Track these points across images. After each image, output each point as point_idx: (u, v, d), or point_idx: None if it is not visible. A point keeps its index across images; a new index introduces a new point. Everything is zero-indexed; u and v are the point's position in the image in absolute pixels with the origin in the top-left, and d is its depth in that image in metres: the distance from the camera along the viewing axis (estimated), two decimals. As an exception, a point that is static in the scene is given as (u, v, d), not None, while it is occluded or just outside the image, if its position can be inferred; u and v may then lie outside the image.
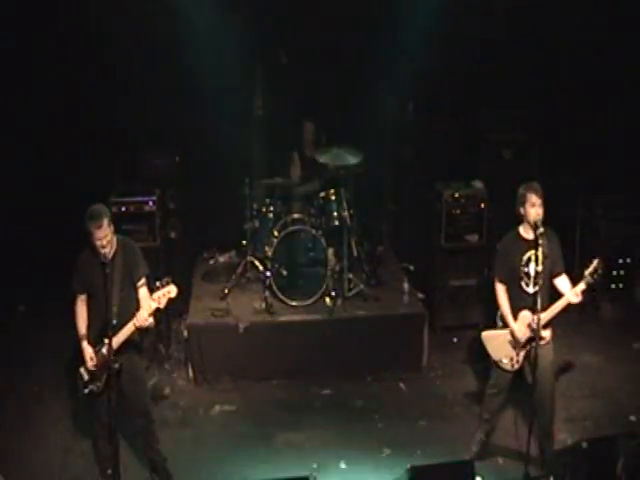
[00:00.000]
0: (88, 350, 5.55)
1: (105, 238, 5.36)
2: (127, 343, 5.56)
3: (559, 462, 5.82)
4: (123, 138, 8.33)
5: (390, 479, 5.63)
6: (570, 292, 5.74)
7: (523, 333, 5.81)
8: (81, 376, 5.60)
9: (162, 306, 5.44)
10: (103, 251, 5.35)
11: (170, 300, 5.46)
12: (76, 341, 5.62)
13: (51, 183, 8.25)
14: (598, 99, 8.56)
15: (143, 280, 5.66)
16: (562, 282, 5.89)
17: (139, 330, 5.58)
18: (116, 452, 5.48)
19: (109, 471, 5.61)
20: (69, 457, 6.32)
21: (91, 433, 6.02)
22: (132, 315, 5.47)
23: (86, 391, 5.58)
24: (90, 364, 5.54)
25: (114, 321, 5.35)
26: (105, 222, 5.37)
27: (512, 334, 5.87)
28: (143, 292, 5.63)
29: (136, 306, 5.55)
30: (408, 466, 5.12)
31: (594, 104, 8.57)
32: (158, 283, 5.41)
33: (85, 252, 5.58)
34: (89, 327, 5.62)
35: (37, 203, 8.24)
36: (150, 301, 5.43)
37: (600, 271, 5.72)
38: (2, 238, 8.09)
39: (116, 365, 5.37)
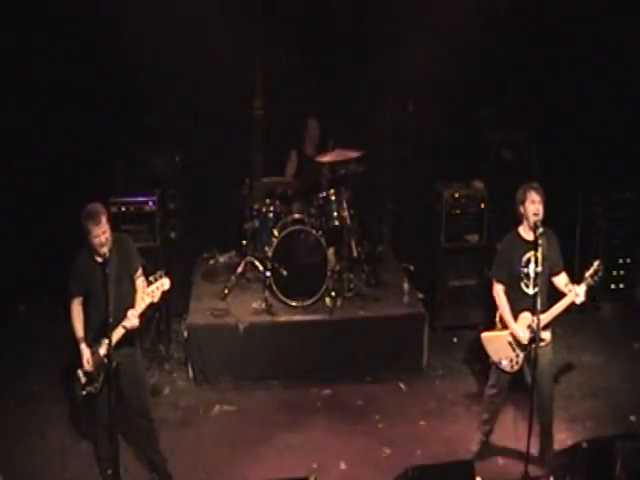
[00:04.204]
0: (86, 352, 5.51)
1: (104, 235, 5.35)
2: (127, 342, 5.55)
3: (559, 462, 5.84)
4: (123, 138, 8.32)
5: (390, 479, 5.62)
6: (571, 293, 5.72)
7: (523, 334, 5.81)
8: (78, 378, 5.57)
9: (156, 300, 5.45)
10: (102, 250, 5.34)
11: (164, 293, 5.47)
12: (74, 342, 5.59)
13: (51, 183, 8.24)
14: (598, 99, 8.54)
15: (140, 271, 5.67)
16: (561, 281, 5.89)
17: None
18: (116, 453, 5.49)
19: (109, 471, 5.63)
20: (69, 457, 6.31)
21: (91, 433, 6.01)
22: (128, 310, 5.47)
23: (84, 393, 5.56)
24: (87, 366, 5.50)
25: (110, 319, 5.32)
26: (103, 219, 5.35)
27: (512, 335, 5.87)
28: (140, 283, 5.63)
29: (133, 299, 5.55)
30: (408, 466, 5.12)
31: (594, 104, 8.56)
32: (151, 277, 5.43)
33: (81, 253, 5.55)
34: (86, 328, 5.58)
35: (37, 203, 8.24)
36: (144, 296, 5.45)
37: (600, 273, 5.73)
38: (2, 238, 8.09)
39: (113, 363, 5.36)
